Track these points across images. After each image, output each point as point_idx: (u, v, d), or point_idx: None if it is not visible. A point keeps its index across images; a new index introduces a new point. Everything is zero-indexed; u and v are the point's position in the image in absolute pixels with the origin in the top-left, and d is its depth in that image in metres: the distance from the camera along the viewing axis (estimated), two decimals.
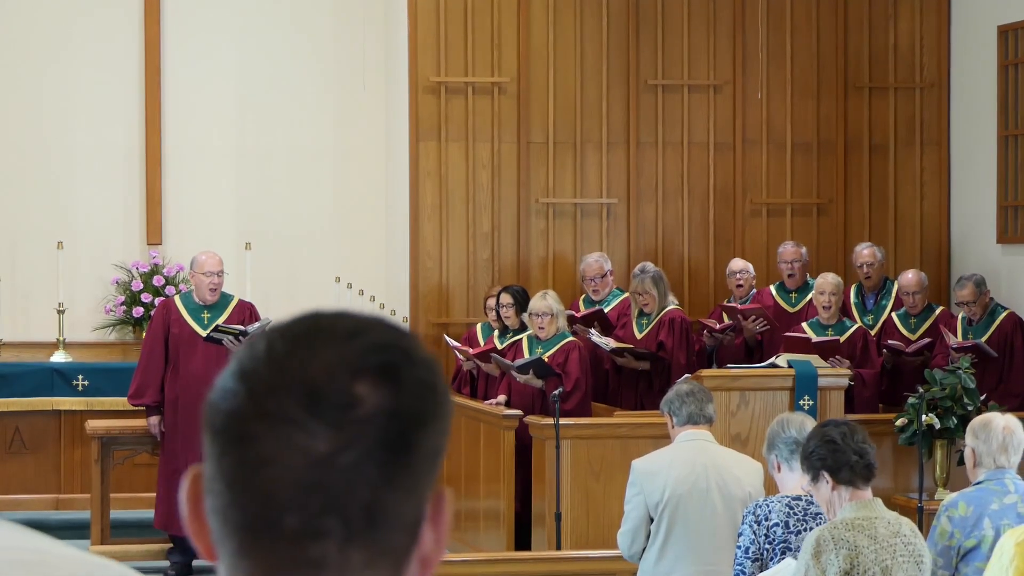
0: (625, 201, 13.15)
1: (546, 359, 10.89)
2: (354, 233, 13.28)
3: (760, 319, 11.81)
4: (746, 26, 13.28)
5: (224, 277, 10.96)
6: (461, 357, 11.62)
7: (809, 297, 12.10)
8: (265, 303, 11.86)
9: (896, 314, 12.18)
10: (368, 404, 1.43)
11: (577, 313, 11.90)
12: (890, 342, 11.81)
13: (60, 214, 12.91)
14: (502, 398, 10.99)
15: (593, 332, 11.46)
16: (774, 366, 10.48)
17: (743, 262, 12.47)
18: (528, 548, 10.29)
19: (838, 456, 5.58)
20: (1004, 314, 11.74)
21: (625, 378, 11.58)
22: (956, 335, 11.59)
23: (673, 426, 7.16)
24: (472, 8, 12.92)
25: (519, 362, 10.82)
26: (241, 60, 13.18)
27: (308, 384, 1.43)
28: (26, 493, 11.91)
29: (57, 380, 12.14)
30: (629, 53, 13.14)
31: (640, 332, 11.63)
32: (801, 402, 10.16)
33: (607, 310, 11.98)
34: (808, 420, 6.45)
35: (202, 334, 10.60)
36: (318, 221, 13.26)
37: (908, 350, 11.70)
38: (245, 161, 13.22)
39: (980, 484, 6.67)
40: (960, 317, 11.80)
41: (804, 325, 11.60)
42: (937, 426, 10.09)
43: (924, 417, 10.06)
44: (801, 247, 12.49)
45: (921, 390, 10.21)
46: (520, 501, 10.55)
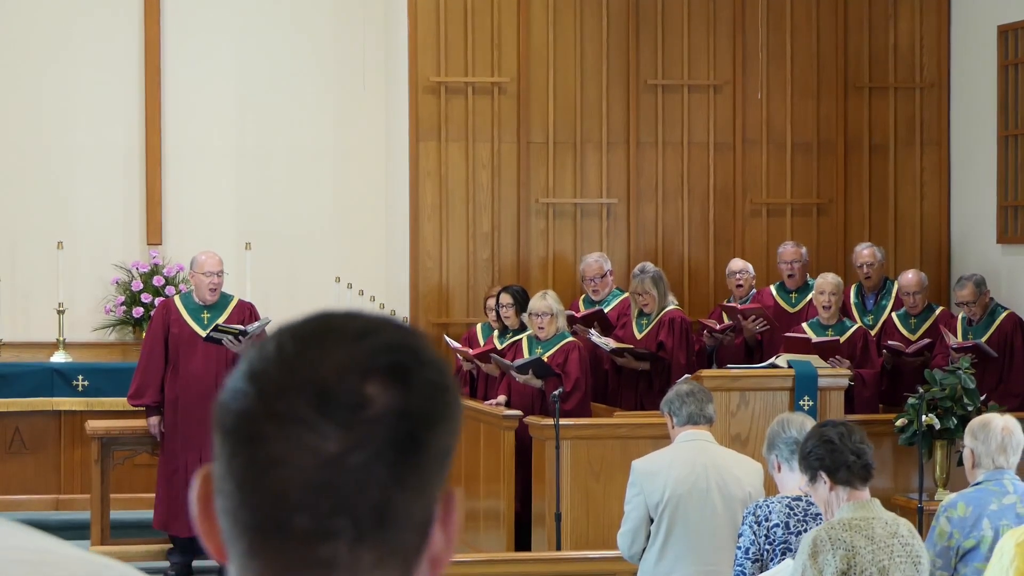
0: (625, 201, 13.15)
1: (546, 359, 10.89)
2: (354, 233, 13.28)
3: (760, 319, 11.81)
4: (746, 26, 13.28)
5: (224, 277, 10.96)
6: (460, 357, 11.62)
7: (809, 297, 12.10)
8: (265, 303, 11.86)
9: (896, 314, 12.18)
10: (378, 404, 1.43)
11: (577, 313, 11.90)
12: (890, 343, 11.81)
13: (60, 214, 12.90)
14: (502, 398, 10.99)
15: (593, 332, 11.46)
16: (774, 366, 10.48)
17: (743, 262, 12.47)
18: (528, 548, 10.29)
19: (836, 456, 5.58)
20: (1004, 314, 11.74)
21: (625, 378, 11.58)
22: (956, 335, 11.59)
23: (673, 426, 7.16)
24: (472, 8, 12.92)
25: (518, 362, 10.82)
26: (241, 60, 13.18)
27: (318, 384, 1.43)
28: (26, 493, 11.91)
29: (57, 380, 12.14)
30: (629, 53, 13.14)
31: (640, 332, 11.63)
32: (801, 402, 10.16)
33: (607, 310, 11.98)
34: (808, 420, 6.45)
35: (202, 334, 10.60)
36: (318, 221, 13.26)
37: (908, 351, 11.70)
38: (245, 161, 13.22)
39: (979, 485, 6.67)
40: (960, 317, 11.80)
41: (804, 325, 11.60)
42: (937, 426, 10.09)
43: (924, 417, 10.06)
44: (801, 247, 12.49)
45: (921, 390, 10.21)
46: (520, 501, 10.55)
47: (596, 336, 11.38)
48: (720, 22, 13.26)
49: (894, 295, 12.29)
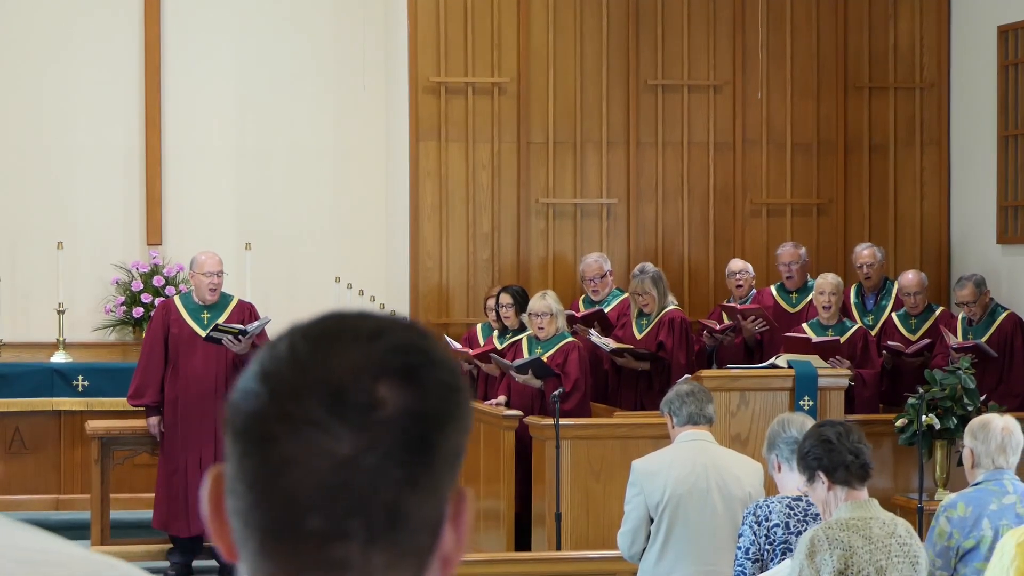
0: (625, 201, 13.15)
1: (545, 359, 10.89)
2: (354, 233, 13.28)
3: (759, 319, 11.81)
4: (746, 26, 13.28)
5: (224, 277, 10.96)
6: (460, 358, 11.62)
7: (809, 298, 12.10)
8: (265, 303, 11.86)
9: (896, 314, 12.18)
10: (390, 406, 1.43)
11: (577, 313, 11.90)
12: (890, 343, 11.81)
13: (60, 214, 12.90)
14: (502, 398, 10.99)
15: (593, 332, 11.46)
16: (774, 366, 10.48)
17: (743, 262, 12.47)
18: (528, 548, 10.29)
19: (834, 456, 5.58)
20: (1004, 314, 11.74)
21: (625, 378, 11.58)
22: (956, 335, 11.59)
23: (673, 426, 7.16)
24: (472, 8, 12.92)
25: (518, 362, 10.82)
26: (241, 60, 13.18)
27: (331, 385, 1.43)
28: (26, 493, 11.91)
29: (57, 380, 12.14)
30: (629, 53, 13.14)
31: (640, 332, 11.63)
32: (801, 402, 10.16)
33: (607, 310, 11.98)
34: (809, 420, 6.44)
35: (202, 334, 10.59)
36: (318, 221, 13.26)
37: (908, 351, 11.69)
38: (245, 161, 13.22)
39: (979, 485, 6.67)
40: (960, 317, 11.80)
41: (804, 325, 11.60)
42: (937, 426, 10.09)
43: (924, 417, 10.06)
44: (800, 248, 12.48)
45: (921, 390, 10.21)
46: (520, 501, 10.55)
47: (596, 336, 11.38)
48: (720, 22, 13.26)
49: (894, 295, 12.29)
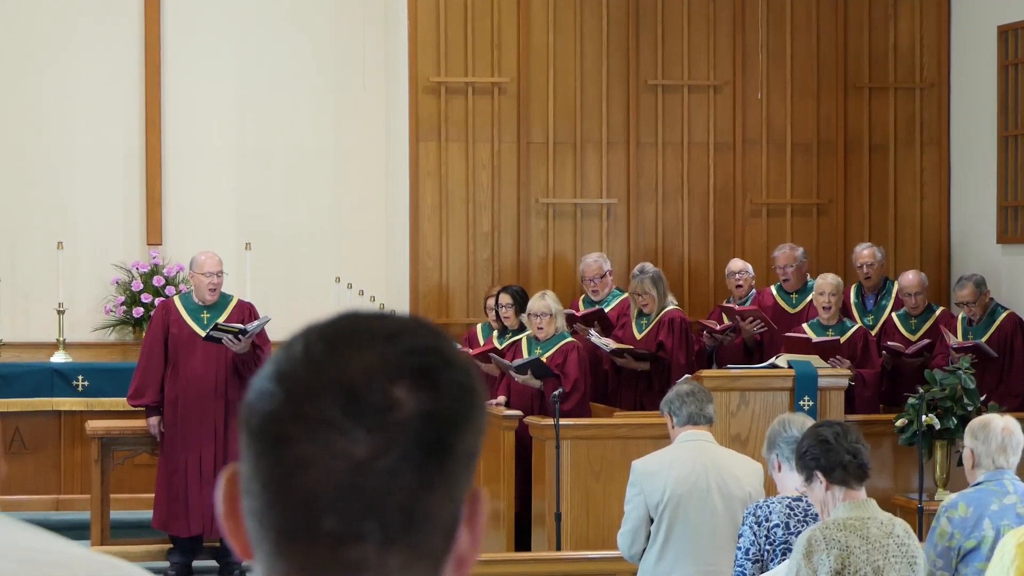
0: (625, 201, 13.15)
1: (545, 360, 10.89)
2: (354, 233, 13.27)
3: (757, 320, 11.80)
4: (746, 26, 13.28)
5: (224, 277, 10.96)
6: None
7: (809, 298, 12.09)
8: (265, 303, 11.85)
9: (896, 314, 12.18)
10: (406, 407, 1.43)
11: (577, 312, 11.90)
12: (889, 343, 11.81)
13: (60, 214, 12.90)
14: (502, 399, 10.99)
15: (593, 332, 11.46)
16: (774, 366, 10.49)
17: (742, 262, 12.47)
18: (528, 548, 10.29)
19: (831, 456, 5.58)
20: (1004, 314, 11.74)
21: (625, 378, 11.58)
22: (956, 335, 11.59)
23: (673, 426, 7.16)
24: (472, 8, 12.92)
25: (517, 362, 10.82)
26: (241, 60, 13.18)
27: (346, 386, 1.43)
28: (26, 493, 11.90)
29: (57, 380, 12.14)
30: (629, 53, 13.14)
31: (640, 332, 11.63)
32: (801, 402, 10.16)
33: (607, 310, 11.98)
34: (809, 420, 6.45)
35: (201, 334, 10.59)
36: (318, 221, 13.26)
37: (907, 351, 11.69)
38: (245, 161, 13.22)
39: (979, 485, 6.67)
40: (960, 317, 11.80)
41: (804, 326, 11.60)
42: (937, 426, 10.09)
43: (924, 417, 10.06)
44: (796, 250, 12.45)
45: (921, 390, 10.21)
46: (520, 501, 10.55)
47: (596, 336, 11.38)
48: (720, 22, 13.26)
49: (894, 295, 12.29)
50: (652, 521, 7.03)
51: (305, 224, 13.23)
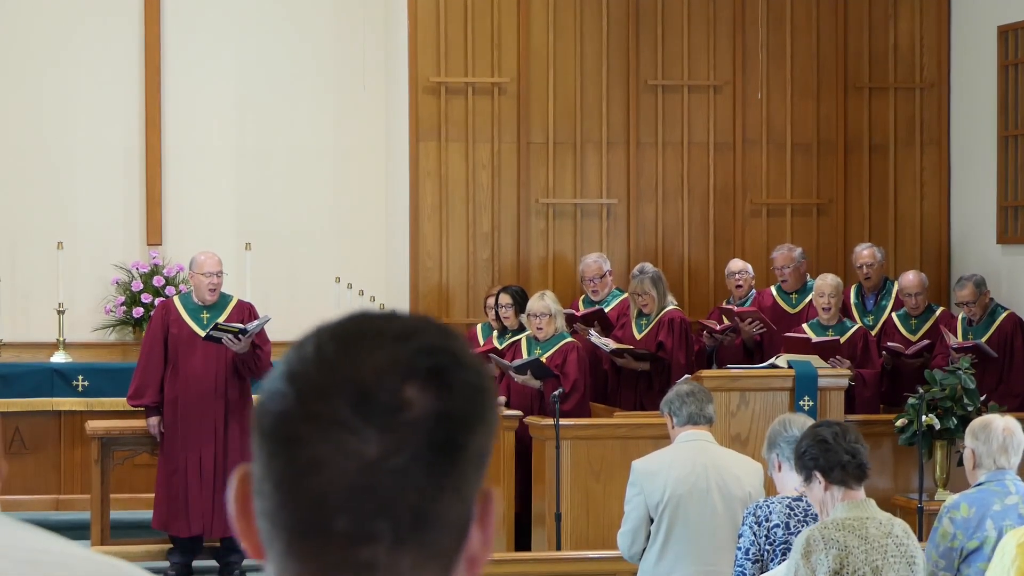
0: (625, 201, 13.15)
1: (544, 360, 10.89)
2: (354, 233, 13.27)
3: (756, 322, 11.80)
4: (746, 26, 13.28)
5: (223, 277, 10.96)
6: None
7: (809, 298, 12.09)
8: (265, 303, 11.85)
9: (896, 315, 12.18)
10: (418, 408, 1.43)
11: (577, 312, 11.90)
12: (889, 344, 11.80)
13: (60, 214, 12.90)
14: (501, 399, 10.99)
15: (593, 333, 11.46)
16: (774, 366, 10.49)
17: (742, 263, 12.46)
18: (528, 548, 10.29)
19: (830, 456, 5.58)
20: (1004, 314, 11.74)
21: (625, 378, 11.58)
22: (956, 335, 11.58)
23: (673, 426, 7.16)
24: (472, 8, 12.91)
25: (517, 363, 10.82)
26: (241, 60, 13.18)
27: (358, 387, 1.43)
28: (26, 493, 11.90)
29: (57, 380, 12.13)
30: (629, 53, 13.14)
31: (639, 333, 11.63)
32: (801, 402, 10.17)
33: (607, 310, 11.98)
34: (810, 421, 6.45)
35: (201, 334, 10.59)
36: (318, 221, 13.26)
37: (907, 352, 11.69)
38: (245, 161, 13.22)
39: (981, 485, 6.66)
40: (960, 317, 11.79)
41: (804, 326, 11.60)
42: (937, 426, 10.09)
43: (924, 417, 10.06)
44: (794, 250, 12.44)
45: (921, 390, 10.21)
46: (520, 501, 10.55)
47: (596, 336, 11.38)
48: (720, 22, 13.26)
49: (894, 295, 12.29)
50: (652, 521, 7.03)
51: (305, 224, 13.23)
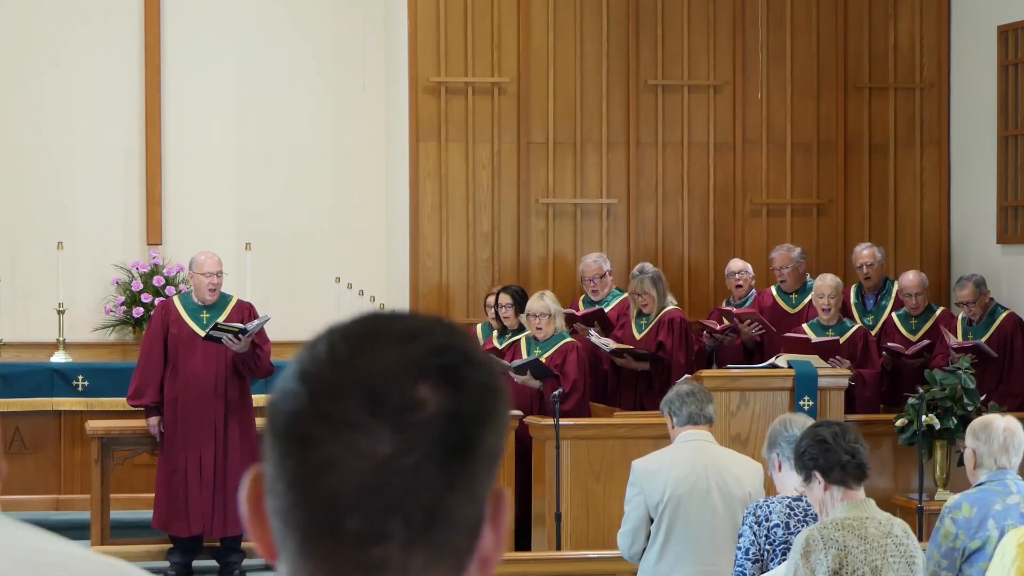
0: (625, 201, 13.15)
1: (544, 360, 10.88)
2: (354, 233, 13.27)
3: (755, 323, 11.79)
4: (746, 26, 13.28)
5: (223, 277, 10.96)
6: None
7: (809, 298, 12.09)
8: (265, 303, 11.85)
9: (896, 315, 12.18)
10: (430, 406, 1.44)
11: (577, 312, 11.89)
12: (889, 344, 11.80)
13: (60, 214, 12.90)
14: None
15: (593, 332, 11.45)
16: (774, 366, 10.49)
17: (742, 262, 12.46)
18: (528, 548, 10.29)
19: (829, 456, 5.58)
20: (1004, 314, 11.74)
21: (625, 378, 11.58)
22: (956, 335, 11.58)
23: (673, 426, 7.16)
24: (472, 8, 12.91)
25: (516, 363, 10.82)
26: (241, 60, 13.18)
27: (370, 386, 1.44)
28: (26, 493, 11.90)
29: (57, 380, 12.13)
30: (629, 53, 13.14)
31: (639, 333, 11.63)
32: (801, 402, 10.16)
33: (607, 310, 11.97)
34: (810, 421, 6.44)
35: (201, 334, 10.59)
36: (318, 221, 13.26)
37: (907, 352, 11.69)
38: (245, 161, 13.22)
39: (982, 485, 6.66)
40: (960, 317, 11.79)
41: (804, 326, 11.60)
42: (937, 426, 10.09)
43: (924, 417, 10.06)
44: (793, 251, 12.43)
45: (921, 390, 10.21)
46: (520, 501, 10.55)
47: (596, 336, 11.38)
48: (720, 22, 13.25)
49: (894, 295, 12.28)
50: (652, 521, 7.03)
51: (305, 224, 13.23)
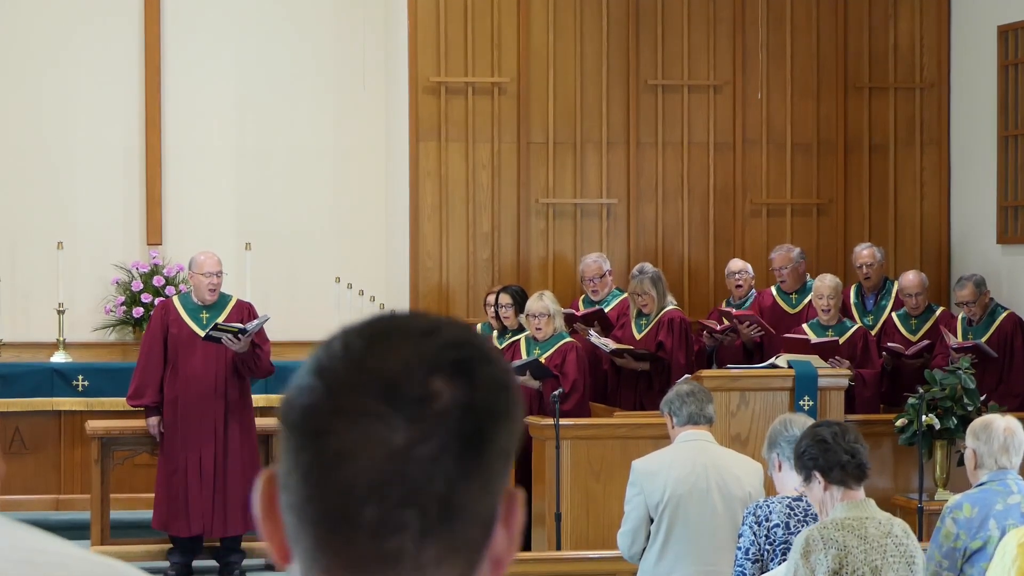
0: (625, 201, 13.15)
1: (543, 360, 10.88)
2: (354, 233, 13.27)
3: (754, 325, 11.79)
4: (746, 26, 13.28)
5: (223, 277, 10.96)
6: None
7: (809, 298, 12.08)
8: (265, 303, 11.85)
9: (896, 315, 12.18)
10: (444, 398, 1.46)
11: (577, 312, 11.89)
12: (889, 344, 11.80)
13: (60, 214, 12.90)
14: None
15: (593, 332, 11.45)
16: (774, 366, 10.48)
17: (742, 262, 12.46)
18: (528, 548, 10.28)
19: (829, 456, 5.58)
20: (1004, 314, 11.73)
21: (625, 378, 11.58)
22: (956, 335, 11.58)
23: (673, 426, 7.15)
24: (472, 8, 12.91)
25: (515, 363, 10.82)
26: (241, 60, 13.18)
27: (386, 379, 1.46)
28: (26, 493, 11.90)
29: (57, 380, 12.13)
30: (629, 53, 13.14)
31: (639, 333, 11.63)
32: (801, 402, 10.16)
33: (607, 310, 11.97)
34: (810, 421, 6.44)
35: (201, 334, 10.59)
36: (318, 221, 13.26)
37: (907, 352, 11.69)
38: (245, 161, 13.22)
39: (983, 485, 6.66)
40: (960, 317, 11.79)
41: (804, 326, 11.60)
42: (937, 426, 10.09)
43: (924, 417, 10.06)
44: (792, 251, 12.43)
45: (921, 390, 10.21)
46: None
47: (596, 337, 11.38)
48: (720, 22, 13.26)
49: (894, 295, 12.28)
50: (652, 521, 7.03)
51: (305, 224, 13.23)
